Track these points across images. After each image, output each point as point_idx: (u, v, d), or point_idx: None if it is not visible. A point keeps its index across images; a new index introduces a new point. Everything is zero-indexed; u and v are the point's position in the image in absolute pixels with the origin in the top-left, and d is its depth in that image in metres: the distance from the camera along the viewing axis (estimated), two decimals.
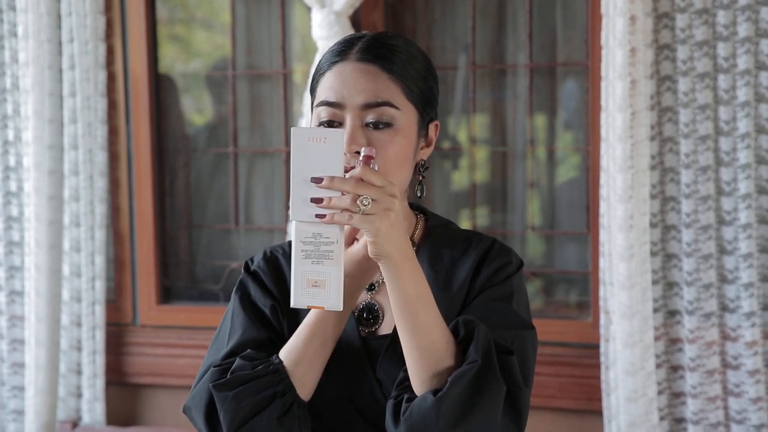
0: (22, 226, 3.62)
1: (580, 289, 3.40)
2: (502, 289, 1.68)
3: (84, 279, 3.55)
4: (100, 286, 3.55)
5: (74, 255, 3.56)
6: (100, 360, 3.56)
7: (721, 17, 2.94)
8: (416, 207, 1.79)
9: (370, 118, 1.60)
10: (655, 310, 3.08)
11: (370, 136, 1.59)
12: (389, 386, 1.64)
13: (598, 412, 3.17)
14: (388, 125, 1.60)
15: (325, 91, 1.63)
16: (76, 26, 3.48)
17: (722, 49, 2.95)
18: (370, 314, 1.72)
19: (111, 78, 3.59)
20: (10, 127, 3.62)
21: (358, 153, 1.56)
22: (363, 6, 3.33)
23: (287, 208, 3.46)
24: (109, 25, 3.57)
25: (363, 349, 1.69)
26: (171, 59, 3.80)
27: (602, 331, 3.10)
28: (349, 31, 3.20)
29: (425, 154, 1.70)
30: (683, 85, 2.98)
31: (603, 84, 3.02)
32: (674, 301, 3.08)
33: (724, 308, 3.04)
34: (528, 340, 1.65)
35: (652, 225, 3.06)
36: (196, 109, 3.93)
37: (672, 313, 3.09)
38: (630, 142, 2.96)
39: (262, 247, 3.71)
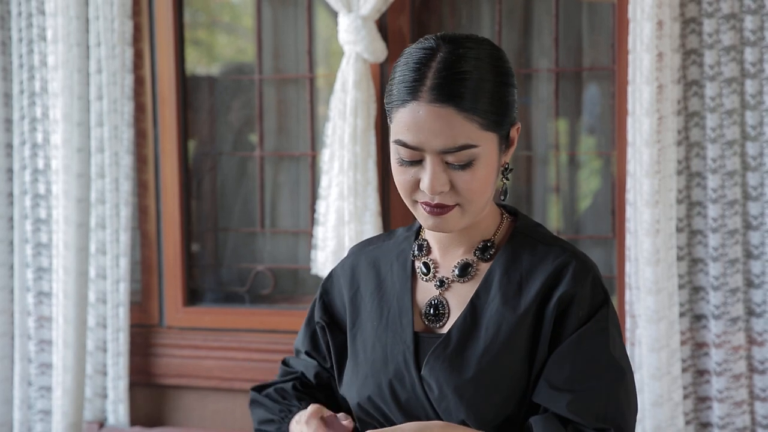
0: (51, 228, 3.65)
1: None
2: (594, 328, 1.66)
3: (109, 281, 3.58)
4: (124, 288, 3.57)
5: (100, 257, 3.59)
6: (124, 361, 3.58)
7: (749, 22, 2.95)
8: (510, 209, 1.79)
9: (450, 159, 1.60)
10: (681, 315, 3.08)
11: (453, 176, 1.61)
12: (432, 385, 1.66)
13: None
14: (468, 163, 1.61)
15: (401, 131, 1.61)
16: (103, 30, 3.51)
17: (749, 54, 2.96)
18: (437, 311, 1.74)
19: (139, 81, 3.62)
20: (39, 130, 3.65)
21: (441, 195, 1.62)
22: (389, 11, 3.35)
23: (312, 211, 3.47)
24: (138, 29, 3.60)
25: (413, 344, 1.71)
26: (193, 63, 3.82)
27: (628, 335, 3.11)
28: (375, 36, 3.22)
29: (507, 156, 1.70)
30: (710, 89, 2.99)
31: (630, 88, 3.03)
32: (700, 305, 3.09)
33: (750, 312, 3.05)
34: (623, 391, 1.65)
35: (679, 229, 3.07)
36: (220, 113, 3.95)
37: (698, 318, 3.10)
38: (657, 147, 2.97)
39: (287, 250, 3.76)
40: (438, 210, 1.64)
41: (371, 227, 3.26)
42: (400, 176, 1.64)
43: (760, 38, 2.95)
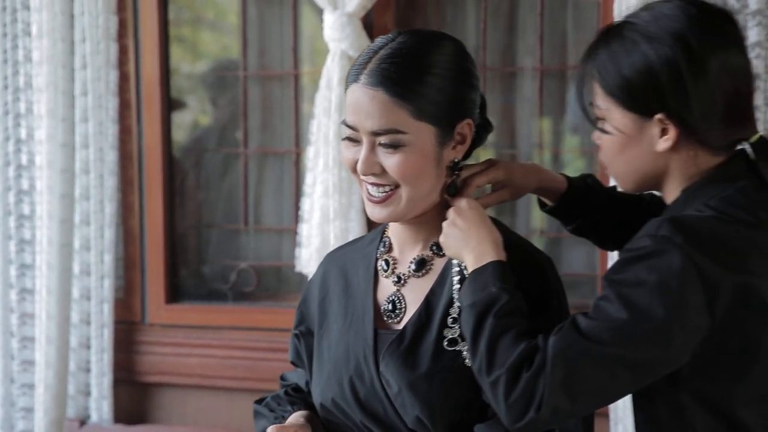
0: (34, 224, 3.63)
1: (588, 292, 3.41)
2: (545, 324, 1.64)
3: (93, 277, 3.57)
4: (108, 284, 3.56)
5: (84, 253, 3.58)
6: (108, 358, 3.57)
7: None
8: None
9: (381, 140, 1.65)
10: None
11: (383, 158, 1.66)
12: (390, 380, 1.68)
13: (604, 415, 3.18)
14: (397, 147, 1.64)
15: (346, 110, 1.69)
16: (88, 26, 3.50)
17: None
18: (394, 307, 1.75)
19: (124, 78, 3.61)
20: (23, 126, 3.63)
21: (373, 175, 1.66)
22: (375, 8, 3.35)
23: (297, 208, 3.47)
24: (122, 25, 3.59)
25: (373, 341, 1.73)
26: (177, 60, 3.81)
27: None
28: (360, 34, 3.22)
29: (459, 152, 1.72)
30: None
31: None
32: None
33: None
34: None
35: None
36: (202, 111, 3.95)
37: None
38: None
39: (271, 247, 3.75)
40: (377, 199, 1.68)
41: (356, 224, 3.26)
42: (344, 154, 1.71)
43: (744, 37, 2.95)
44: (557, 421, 1.56)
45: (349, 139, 1.69)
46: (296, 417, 1.81)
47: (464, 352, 1.65)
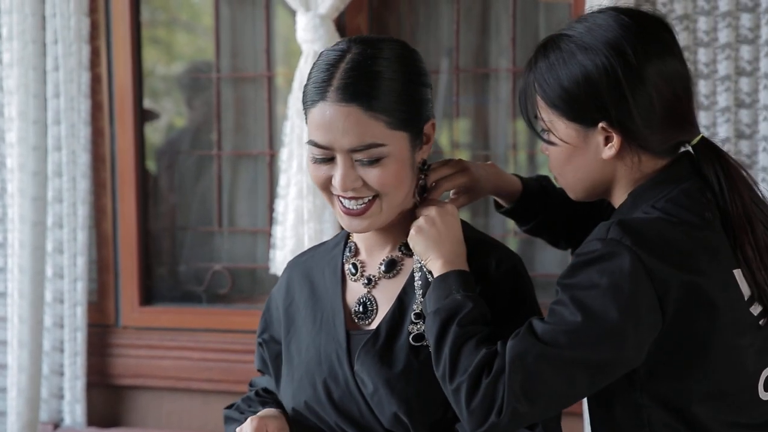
0: (6, 227, 3.61)
1: None
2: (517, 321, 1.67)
3: (66, 280, 3.55)
4: (81, 287, 3.54)
5: (57, 256, 3.56)
6: (81, 361, 3.56)
7: (702, 23, 2.97)
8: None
9: (359, 156, 1.63)
10: None
11: (363, 173, 1.64)
12: (365, 380, 1.68)
13: (577, 414, 3.19)
14: (377, 160, 1.63)
15: (313, 131, 1.66)
16: (60, 28, 3.48)
17: (703, 54, 2.98)
18: (365, 308, 1.75)
19: (96, 80, 3.59)
20: None
21: (354, 190, 1.64)
22: (348, 9, 3.34)
23: (271, 210, 3.47)
24: (94, 26, 3.58)
25: (345, 343, 1.73)
26: (152, 62, 3.80)
27: None
28: (333, 35, 3.22)
29: (425, 152, 1.72)
30: None
31: None
32: None
33: None
34: None
35: None
36: (177, 113, 3.94)
37: None
38: None
39: (245, 249, 3.74)
40: (356, 211, 1.67)
41: (330, 226, 3.25)
42: (314, 173, 1.68)
43: (714, 39, 2.97)
44: (517, 425, 1.57)
45: (320, 158, 1.66)
46: (270, 410, 1.80)
47: (431, 348, 1.66)
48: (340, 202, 1.68)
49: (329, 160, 1.65)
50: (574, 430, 3.22)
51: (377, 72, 1.63)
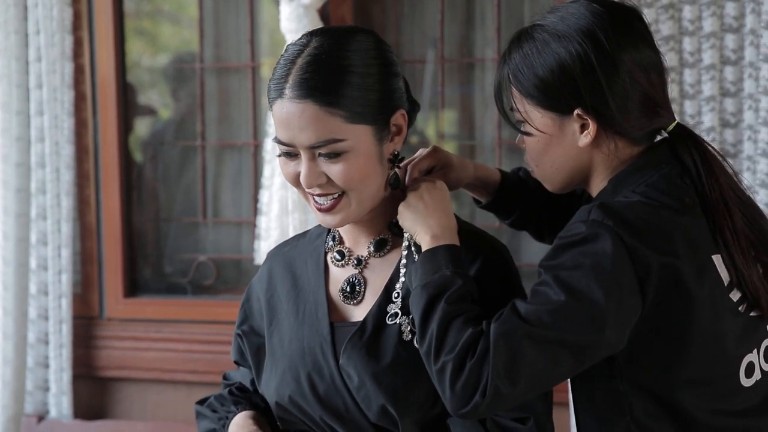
0: None
1: None
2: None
3: (51, 272, 3.54)
4: (66, 279, 3.53)
5: (41, 248, 3.55)
6: (67, 353, 3.55)
7: (687, 12, 2.97)
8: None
9: (321, 151, 1.62)
10: None
11: (327, 168, 1.62)
12: (351, 373, 1.66)
13: (564, 404, 3.20)
14: (339, 155, 1.62)
15: (276, 128, 1.65)
16: (42, 18, 3.46)
17: (688, 44, 2.98)
18: (353, 288, 1.74)
19: (79, 70, 3.57)
20: None
21: (318, 186, 1.63)
22: None
23: (255, 200, 3.46)
24: (77, 17, 3.56)
25: (330, 336, 1.71)
26: (137, 53, 3.78)
27: None
28: (317, 25, 3.20)
29: (398, 143, 1.70)
30: None
31: None
32: None
33: None
34: None
35: None
36: (163, 104, 3.92)
37: None
38: None
39: (229, 240, 3.73)
40: (326, 207, 1.66)
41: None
42: (284, 170, 1.67)
43: (698, 28, 2.97)
44: (499, 406, 1.56)
45: (286, 154, 1.65)
46: (243, 418, 1.78)
47: (403, 326, 1.66)
48: (313, 199, 1.67)
49: (295, 155, 1.64)
50: (559, 419, 3.21)
51: (335, 65, 1.60)
